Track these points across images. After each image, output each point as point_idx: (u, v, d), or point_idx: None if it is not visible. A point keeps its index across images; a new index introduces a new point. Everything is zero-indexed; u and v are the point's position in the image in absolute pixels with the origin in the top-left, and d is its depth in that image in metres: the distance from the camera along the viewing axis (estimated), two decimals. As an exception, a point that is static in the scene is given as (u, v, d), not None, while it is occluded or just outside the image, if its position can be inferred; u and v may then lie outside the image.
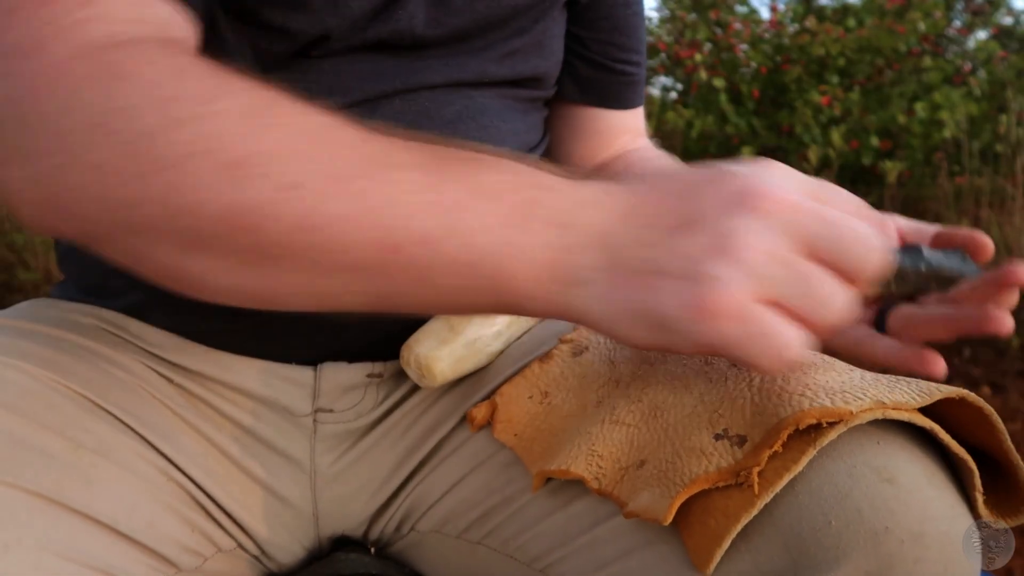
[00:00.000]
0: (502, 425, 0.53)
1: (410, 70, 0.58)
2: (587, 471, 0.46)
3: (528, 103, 0.68)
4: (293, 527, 0.59)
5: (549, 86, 0.71)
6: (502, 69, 0.63)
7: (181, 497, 0.53)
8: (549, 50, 0.67)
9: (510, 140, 0.64)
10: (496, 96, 0.63)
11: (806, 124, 3.61)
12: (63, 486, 0.45)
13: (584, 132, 0.78)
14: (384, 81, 0.57)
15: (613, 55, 0.74)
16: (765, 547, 0.40)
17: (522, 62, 0.64)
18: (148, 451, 0.51)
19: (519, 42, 0.63)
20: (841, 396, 0.40)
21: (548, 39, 0.67)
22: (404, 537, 0.61)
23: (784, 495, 0.40)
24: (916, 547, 0.38)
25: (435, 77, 0.59)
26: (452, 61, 0.60)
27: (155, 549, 0.49)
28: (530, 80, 0.66)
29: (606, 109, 0.77)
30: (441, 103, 0.59)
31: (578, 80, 0.75)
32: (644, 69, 0.79)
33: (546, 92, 0.71)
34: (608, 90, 0.76)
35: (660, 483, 0.42)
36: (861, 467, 0.40)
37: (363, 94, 0.56)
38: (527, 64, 0.65)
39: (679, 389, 0.47)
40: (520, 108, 0.66)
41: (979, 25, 4.55)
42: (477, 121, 0.61)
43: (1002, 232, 2.77)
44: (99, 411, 0.50)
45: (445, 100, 0.59)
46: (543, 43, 0.66)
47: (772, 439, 0.40)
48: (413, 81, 0.58)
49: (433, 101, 0.59)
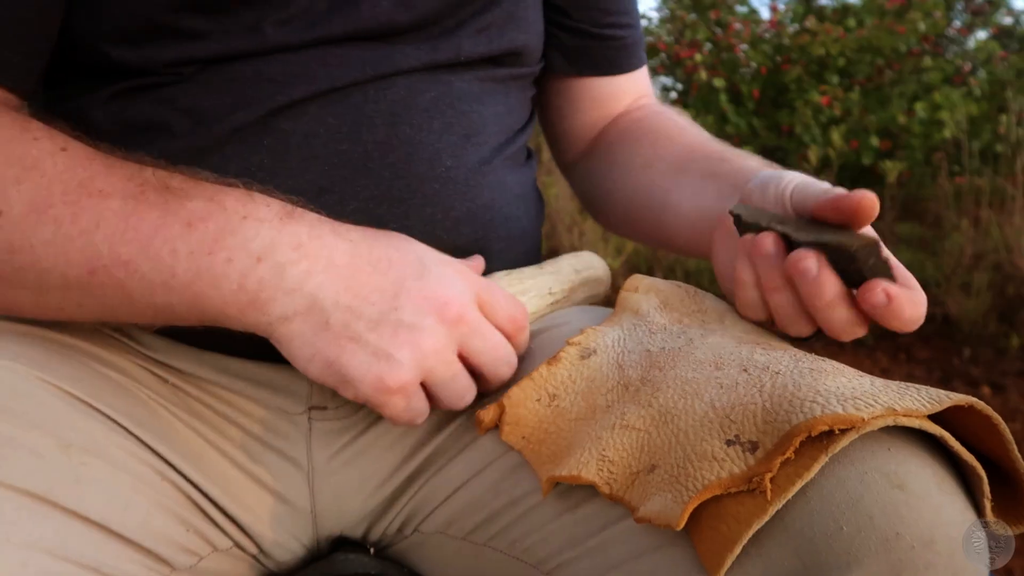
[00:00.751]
0: (510, 427, 0.53)
1: (381, 56, 0.57)
2: (598, 476, 0.46)
3: (510, 82, 0.66)
4: (291, 525, 0.59)
5: (532, 61, 0.69)
6: (478, 46, 0.61)
7: (176, 496, 0.52)
8: (526, 22, 0.66)
9: (491, 124, 0.63)
10: (474, 79, 0.62)
11: (806, 124, 3.61)
12: (52, 485, 0.44)
13: (581, 103, 0.77)
14: (355, 69, 0.56)
15: (598, 20, 0.72)
16: (776, 552, 0.40)
17: (497, 36, 0.63)
18: (141, 450, 0.51)
19: (491, 16, 0.62)
20: (853, 403, 0.40)
21: (522, 10, 0.65)
22: (407, 538, 0.61)
23: (796, 500, 0.40)
24: (927, 553, 0.38)
25: (408, 62, 0.58)
26: (424, 44, 0.59)
27: (149, 548, 0.49)
28: (508, 55, 0.65)
29: (600, 77, 0.75)
30: (416, 91, 0.58)
31: (565, 51, 0.73)
32: (637, 30, 0.76)
33: (530, 68, 0.69)
34: (598, 57, 0.74)
35: (672, 488, 0.42)
36: (872, 473, 0.40)
37: (330, 83, 0.56)
38: (503, 38, 0.63)
39: (689, 394, 0.47)
40: (501, 89, 0.65)
41: (979, 25, 4.55)
42: (455, 108, 0.60)
43: (1002, 232, 2.77)
44: (90, 410, 0.49)
45: (420, 87, 0.59)
46: (516, 14, 0.64)
47: (784, 446, 0.40)
48: (385, 67, 0.57)
49: (408, 89, 0.58)
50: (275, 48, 0.55)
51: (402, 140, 0.57)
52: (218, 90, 0.55)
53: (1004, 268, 2.61)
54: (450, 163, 0.59)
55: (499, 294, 0.54)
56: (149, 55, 0.55)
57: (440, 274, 0.50)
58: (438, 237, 0.58)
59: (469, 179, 0.60)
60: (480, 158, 0.61)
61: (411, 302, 0.48)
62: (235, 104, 0.55)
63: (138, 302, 0.47)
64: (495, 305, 0.53)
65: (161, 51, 0.54)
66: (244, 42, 0.55)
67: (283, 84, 0.55)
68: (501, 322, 0.53)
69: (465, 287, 0.51)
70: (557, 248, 3.01)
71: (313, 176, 0.55)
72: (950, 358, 2.43)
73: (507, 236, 0.63)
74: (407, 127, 0.57)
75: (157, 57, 0.54)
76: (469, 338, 0.51)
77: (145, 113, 0.55)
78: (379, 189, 0.56)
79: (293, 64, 0.55)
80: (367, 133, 0.56)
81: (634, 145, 0.73)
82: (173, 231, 0.45)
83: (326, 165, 0.55)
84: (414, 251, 0.51)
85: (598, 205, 0.78)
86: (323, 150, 0.55)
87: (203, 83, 0.55)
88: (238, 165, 0.54)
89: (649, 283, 0.62)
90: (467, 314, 0.50)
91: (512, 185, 0.64)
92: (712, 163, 0.65)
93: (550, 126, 0.81)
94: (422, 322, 0.48)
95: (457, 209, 0.59)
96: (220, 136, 0.54)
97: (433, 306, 0.49)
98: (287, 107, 0.55)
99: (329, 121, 0.56)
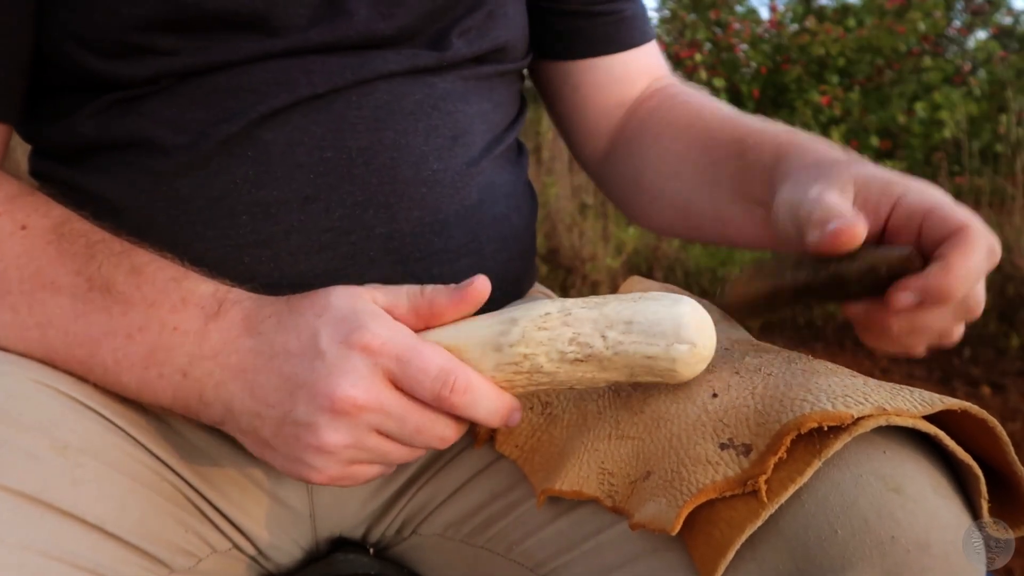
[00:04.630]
0: (503, 437, 0.54)
1: (362, 61, 0.57)
2: (600, 490, 0.46)
3: (496, 79, 0.65)
4: (290, 527, 0.59)
5: (517, 56, 0.67)
6: (460, 50, 0.60)
7: (174, 497, 0.52)
8: (506, 18, 0.64)
9: (478, 123, 0.62)
10: (458, 79, 0.61)
11: (806, 124, 3.61)
12: (48, 486, 0.44)
13: (589, 90, 0.73)
14: (335, 75, 0.56)
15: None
16: (771, 556, 0.40)
17: (479, 37, 0.62)
18: (139, 451, 0.51)
19: (472, 20, 0.61)
20: (843, 400, 0.40)
21: (503, 7, 0.63)
22: (406, 540, 0.61)
23: (790, 504, 0.40)
24: (923, 556, 0.38)
25: (390, 67, 0.57)
26: (406, 51, 0.59)
27: (146, 549, 0.49)
28: (492, 53, 0.63)
29: (600, 57, 0.71)
30: (400, 94, 0.58)
31: (560, 36, 0.70)
32: (636, 4, 0.72)
33: (515, 64, 0.67)
34: (595, 37, 0.70)
35: (666, 493, 0.42)
36: (867, 476, 0.40)
37: (312, 89, 0.55)
38: (485, 38, 0.62)
39: (681, 399, 0.47)
40: (486, 86, 0.64)
41: (979, 25, 4.55)
42: (439, 109, 0.59)
43: (1002, 232, 2.77)
44: (87, 412, 0.49)
45: (404, 90, 0.58)
46: (496, 12, 0.63)
47: (776, 445, 0.40)
48: (367, 72, 0.57)
49: (391, 93, 0.57)
50: (253, 58, 0.55)
51: (387, 145, 0.57)
52: (199, 102, 0.55)
53: (1004, 268, 2.61)
54: (437, 166, 0.58)
55: (421, 361, 0.45)
56: (123, 70, 0.54)
57: (335, 357, 0.44)
58: (428, 240, 0.58)
59: (457, 181, 0.59)
60: (468, 159, 0.61)
61: (304, 399, 0.45)
62: (217, 117, 0.54)
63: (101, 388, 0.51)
64: (413, 377, 0.45)
65: (135, 66, 0.54)
66: (221, 55, 0.54)
67: (264, 94, 0.55)
68: (425, 395, 0.45)
69: (366, 370, 0.44)
70: (557, 248, 3.01)
71: (298, 185, 0.55)
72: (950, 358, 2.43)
73: (499, 237, 0.63)
74: (391, 132, 0.57)
75: (132, 72, 0.54)
76: (381, 423, 0.45)
77: (128, 127, 0.55)
78: (365, 195, 0.56)
79: (273, 72, 0.55)
80: (351, 139, 0.56)
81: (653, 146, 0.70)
82: (116, 341, 0.48)
83: (311, 173, 0.55)
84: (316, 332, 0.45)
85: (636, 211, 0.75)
86: (307, 158, 0.55)
87: (183, 94, 0.55)
88: (225, 180, 0.54)
89: (646, 287, 0.62)
90: (364, 401, 0.44)
91: (502, 184, 0.64)
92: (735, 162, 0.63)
93: (564, 122, 0.77)
94: (317, 420, 0.44)
95: (445, 211, 0.59)
96: (207, 152, 0.54)
97: (324, 402, 0.44)
98: (269, 116, 0.55)
99: (312, 129, 0.55)
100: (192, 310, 0.48)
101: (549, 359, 0.44)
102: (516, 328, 0.45)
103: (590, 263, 2.87)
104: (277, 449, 0.46)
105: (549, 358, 0.44)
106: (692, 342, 0.44)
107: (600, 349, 0.44)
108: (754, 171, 0.60)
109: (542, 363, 0.45)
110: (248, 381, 0.46)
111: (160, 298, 0.49)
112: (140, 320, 0.48)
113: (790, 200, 0.51)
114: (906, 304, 0.44)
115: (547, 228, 3.06)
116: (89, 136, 0.56)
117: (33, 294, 0.49)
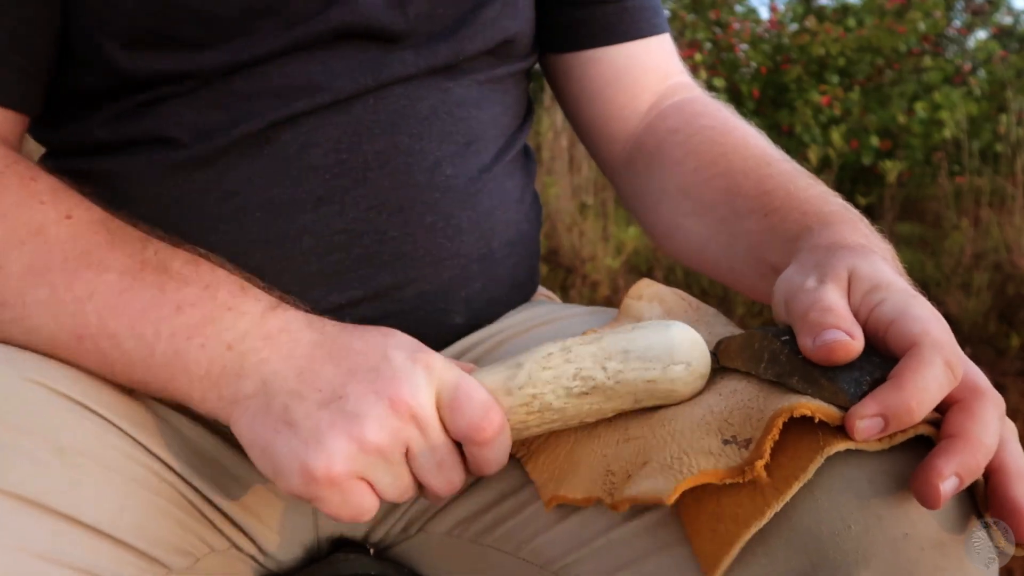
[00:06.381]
0: None
1: (381, 64, 0.57)
2: (602, 490, 0.46)
3: (508, 79, 0.65)
4: (292, 526, 0.59)
5: (524, 51, 0.67)
6: (475, 43, 0.61)
7: (172, 497, 0.52)
8: (516, 8, 0.64)
9: (490, 129, 0.63)
10: (472, 83, 0.62)
11: (806, 124, 3.61)
12: (46, 488, 0.44)
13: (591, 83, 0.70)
14: (355, 78, 0.56)
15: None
16: (783, 550, 0.40)
17: (491, 28, 0.62)
18: (137, 451, 0.51)
19: (489, 11, 0.61)
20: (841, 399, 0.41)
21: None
22: (411, 538, 0.61)
23: (803, 499, 0.40)
24: (936, 555, 0.38)
25: (407, 68, 0.58)
26: (424, 49, 0.59)
27: (144, 550, 0.48)
28: (502, 45, 0.63)
29: (601, 48, 0.69)
30: (415, 98, 0.58)
31: (565, 29, 0.69)
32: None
33: (523, 62, 0.67)
34: (597, 26, 0.68)
35: (663, 474, 0.42)
36: (881, 475, 0.40)
37: (333, 96, 0.56)
38: (496, 28, 0.62)
39: (689, 403, 0.48)
40: (499, 88, 0.64)
41: (979, 25, 4.56)
42: (453, 115, 0.60)
43: (1002, 232, 2.78)
44: (84, 411, 0.49)
45: (418, 95, 0.58)
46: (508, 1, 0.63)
47: (770, 426, 0.40)
48: (385, 76, 0.57)
49: (406, 98, 0.58)
50: (272, 54, 0.55)
51: (401, 149, 0.57)
52: (219, 106, 0.55)
53: (1004, 268, 2.62)
54: (450, 171, 0.59)
55: (469, 400, 0.46)
56: (148, 65, 0.55)
57: (400, 367, 0.46)
58: (441, 245, 0.58)
59: (470, 187, 0.60)
60: (480, 165, 0.61)
61: (359, 392, 0.45)
62: (236, 119, 0.55)
63: (118, 375, 0.49)
64: (456, 411, 0.46)
65: (160, 60, 0.55)
66: (242, 50, 0.55)
67: (285, 98, 0.55)
68: (458, 429, 0.46)
69: (425, 383, 0.46)
70: (557, 248, 3.01)
71: (312, 186, 0.55)
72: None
73: (509, 241, 0.63)
74: (406, 136, 0.57)
75: (156, 67, 0.55)
76: (416, 442, 0.46)
77: (146, 127, 0.56)
78: (379, 199, 0.56)
79: (293, 75, 0.56)
80: (367, 143, 0.56)
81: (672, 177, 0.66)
82: (162, 312, 0.47)
83: (326, 175, 0.55)
84: (384, 343, 0.47)
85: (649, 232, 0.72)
86: (323, 160, 0.55)
87: (203, 98, 0.55)
88: (239, 175, 0.55)
89: (653, 292, 0.62)
90: (419, 412, 0.45)
91: (512, 190, 0.64)
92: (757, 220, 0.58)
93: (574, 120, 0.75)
94: (367, 413, 0.44)
95: (458, 217, 0.59)
96: (221, 147, 0.55)
97: (383, 398, 0.44)
98: (288, 119, 0.55)
99: (329, 131, 0.56)
100: (251, 299, 0.48)
101: (556, 396, 0.47)
102: (522, 371, 0.47)
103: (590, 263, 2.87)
104: (299, 429, 0.44)
105: (556, 395, 0.47)
106: (687, 361, 0.47)
107: (603, 380, 0.47)
108: (775, 237, 0.56)
109: (551, 401, 0.47)
110: (299, 366, 0.46)
111: (219, 282, 0.49)
112: (194, 296, 0.48)
113: (788, 288, 0.48)
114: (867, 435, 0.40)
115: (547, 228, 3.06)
116: (105, 139, 0.56)
117: (77, 272, 0.48)
